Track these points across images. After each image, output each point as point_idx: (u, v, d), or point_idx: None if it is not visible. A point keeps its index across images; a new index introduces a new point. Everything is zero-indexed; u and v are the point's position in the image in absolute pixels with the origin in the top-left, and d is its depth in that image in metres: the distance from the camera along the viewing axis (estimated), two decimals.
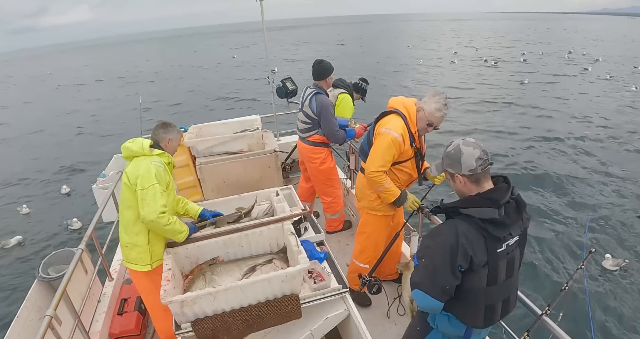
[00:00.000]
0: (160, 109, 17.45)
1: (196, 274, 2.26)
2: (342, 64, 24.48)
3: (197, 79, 26.21)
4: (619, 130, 11.88)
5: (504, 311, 1.69)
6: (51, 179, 10.51)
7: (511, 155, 10.04)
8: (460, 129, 12.25)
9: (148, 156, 2.35)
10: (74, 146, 13.67)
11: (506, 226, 1.54)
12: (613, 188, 8.13)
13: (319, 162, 3.74)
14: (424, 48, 39.36)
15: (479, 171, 1.56)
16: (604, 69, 22.87)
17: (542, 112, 14.21)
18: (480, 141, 1.63)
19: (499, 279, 1.59)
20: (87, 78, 32.19)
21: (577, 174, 8.86)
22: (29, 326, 2.53)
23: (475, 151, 1.57)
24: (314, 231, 2.82)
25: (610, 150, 10.37)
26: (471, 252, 1.50)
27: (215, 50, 51.31)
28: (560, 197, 7.83)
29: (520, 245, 1.65)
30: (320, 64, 3.58)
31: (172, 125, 2.51)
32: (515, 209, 1.56)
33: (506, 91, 17.85)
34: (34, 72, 45.17)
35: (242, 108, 16.70)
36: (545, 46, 37.42)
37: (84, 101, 21.76)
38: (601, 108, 14.47)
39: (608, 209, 7.29)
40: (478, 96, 16.95)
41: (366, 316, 3.04)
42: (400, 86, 19.87)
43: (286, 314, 2.10)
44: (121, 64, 43.04)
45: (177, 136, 2.52)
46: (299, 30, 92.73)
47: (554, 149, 10.39)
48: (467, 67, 25.74)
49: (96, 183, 4.21)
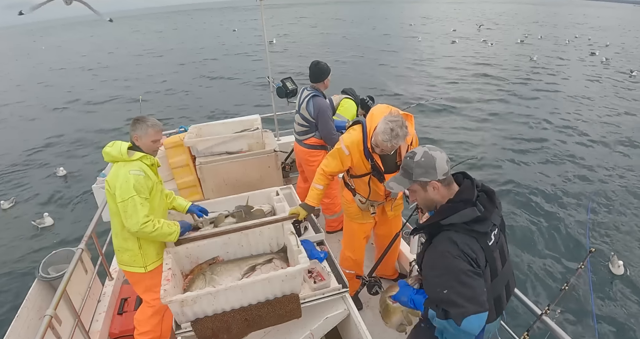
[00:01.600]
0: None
1: (196, 273, 2.26)
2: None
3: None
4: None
5: (507, 295, 1.72)
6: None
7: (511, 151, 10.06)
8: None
9: (127, 162, 2.26)
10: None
11: (487, 219, 1.54)
12: (613, 187, 8.12)
13: (316, 165, 3.71)
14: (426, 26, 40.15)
15: (449, 173, 1.60)
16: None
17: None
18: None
19: (499, 271, 1.62)
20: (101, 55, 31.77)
21: (577, 171, 8.87)
22: (29, 326, 2.53)
23: (442, 154, 1.59)
24: (314, 231, 2.82)
25: (611, 144, 10.40)
26: (475, 256, 1.49)
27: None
28: (560, 196, 7.83)
29: (502, 230, 1.69)
30: (317, 65, 3.54)
31: (140, 120, 2.31)
32: (487, 199, 1.60)
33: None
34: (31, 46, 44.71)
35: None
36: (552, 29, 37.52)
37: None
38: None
39: (609, 208, 7.29)
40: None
41: (366, 316, 3.04)
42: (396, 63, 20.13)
43: (286, 314, 2.11)
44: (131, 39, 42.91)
45: (144, 132, 2.31)
46: (297, 8, 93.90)
47: (553, 148, 10.39)
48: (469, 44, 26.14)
49: (96, 183, 4.20)
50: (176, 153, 4.16)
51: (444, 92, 15.28)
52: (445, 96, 14.62)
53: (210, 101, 15.85)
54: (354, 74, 18.53)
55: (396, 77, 18.39)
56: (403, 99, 14.31)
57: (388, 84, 16.91)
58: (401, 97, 14.78)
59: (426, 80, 17.74)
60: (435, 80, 17.61)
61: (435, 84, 17.11)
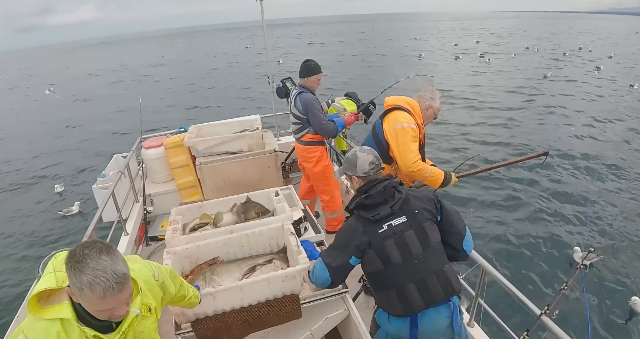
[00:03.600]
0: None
1: (196, 274, 2.26)
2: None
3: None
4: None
5: (424, 295, 1.73)
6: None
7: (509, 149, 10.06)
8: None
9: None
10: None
11: (370, 208, 1.80)
12: (614, 186, 8.12)
13: (314, 162, 3.71)
14: (427, 42, 40.31)
15: (371, 173, 1.88)
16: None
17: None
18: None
19: (394, 260, 1.74)
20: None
21: (577, 169, 8.87)
22: None
23: (369, 156, 1.89)
24: (314, 231, 2.83)
25: (612, 144, 10.41)
26: (356, 241, 1.78)
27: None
28: (560, 195, 7.83)
29: (413, 226, 1.78)
30: (306, 62, 3.58)
31: (75, 267, 1.04)
32: (382, 193, 1.80)
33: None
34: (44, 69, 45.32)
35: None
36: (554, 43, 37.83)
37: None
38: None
39: (609, 207, 7.29)
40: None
41: (366, 316, 3.04)
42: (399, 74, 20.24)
43: (286, 314, 2.11)
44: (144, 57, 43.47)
45: (79, 293, 1.05)
46: (302, 27, 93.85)
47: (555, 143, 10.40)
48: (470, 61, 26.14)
49: (96, 183, 4.21)
50: (176, 153, 4.16)
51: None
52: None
53: (210, 101, 15.96)
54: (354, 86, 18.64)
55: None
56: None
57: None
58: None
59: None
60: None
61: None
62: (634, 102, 14.80)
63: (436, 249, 1.79)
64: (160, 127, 10.26)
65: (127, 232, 3.58)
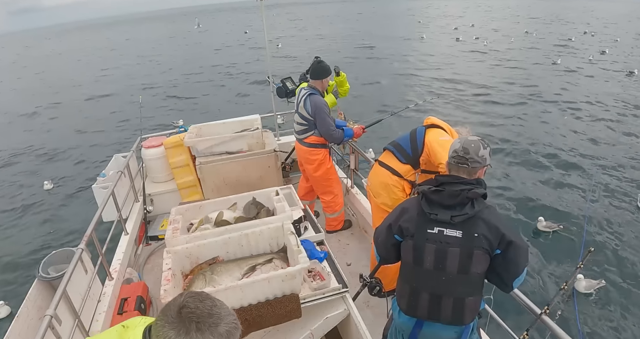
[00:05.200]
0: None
1: (196, 273, 2.26)
2: None
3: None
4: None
5: (431, 310, 1.73)
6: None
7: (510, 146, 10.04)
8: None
9: None
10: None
11: (434, 204, 1.70)
12: (614, 185, 8.12)
13: (316, 164, 3.70)
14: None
15: (452, 162, 1.78)
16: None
17: None
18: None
19: (425, 263, 1.71)
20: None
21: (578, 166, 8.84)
22: (29, 326, 2.53)
23: (460, 145, 1.78)
24: (314, 231, 2.83)
25: (612, 139, 10.37)
26: (405, 223, 1.77)
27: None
28: (560, 195, 7.82)
29: (463, 246, 1.65)
30: (320, 63, 3.56)
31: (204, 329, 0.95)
32: (454, 197, 1.66)
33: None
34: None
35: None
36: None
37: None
38: None
39: (609, 206, 7.28)
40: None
41: (366, 315, 3.04)
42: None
43: (286, 314, 2.11)
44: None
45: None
46: (299, 7, 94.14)
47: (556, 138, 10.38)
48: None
49: (96, 183, 4.21)
50: (176, 153, 4.16)
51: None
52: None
53: (210, 100, 15.91)
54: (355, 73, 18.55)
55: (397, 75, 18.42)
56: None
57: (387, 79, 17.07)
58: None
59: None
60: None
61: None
62: None
63: (471, 279, 1.68)
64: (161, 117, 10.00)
65: (127, 232, 3.58)
